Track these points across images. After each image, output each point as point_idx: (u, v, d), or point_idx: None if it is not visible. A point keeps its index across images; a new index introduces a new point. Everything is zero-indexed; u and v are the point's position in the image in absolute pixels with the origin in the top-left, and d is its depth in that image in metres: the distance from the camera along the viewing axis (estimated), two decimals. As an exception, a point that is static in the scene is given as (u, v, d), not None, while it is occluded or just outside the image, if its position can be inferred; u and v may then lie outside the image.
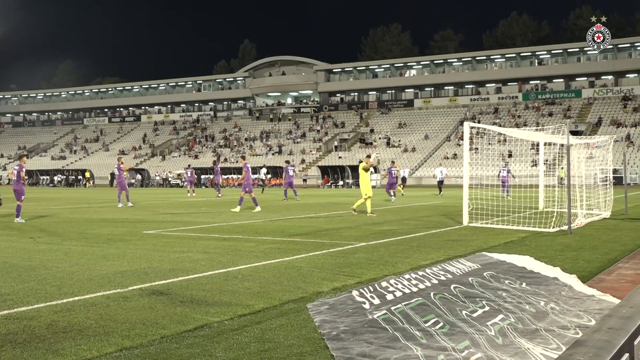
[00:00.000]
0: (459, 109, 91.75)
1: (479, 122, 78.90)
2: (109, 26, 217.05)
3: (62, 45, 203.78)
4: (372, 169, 38.91)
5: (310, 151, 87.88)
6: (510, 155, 60.46)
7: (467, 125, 17.06)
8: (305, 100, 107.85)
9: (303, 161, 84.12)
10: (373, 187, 63.13)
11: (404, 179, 45.49)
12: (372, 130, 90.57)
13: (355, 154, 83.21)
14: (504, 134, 22.08)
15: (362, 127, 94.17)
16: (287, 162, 35.64)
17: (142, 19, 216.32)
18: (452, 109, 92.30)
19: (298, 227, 16.57)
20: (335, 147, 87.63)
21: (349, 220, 19.05)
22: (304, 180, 70.78)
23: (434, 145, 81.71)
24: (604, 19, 21.43)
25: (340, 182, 66.05)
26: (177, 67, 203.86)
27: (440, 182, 45.49)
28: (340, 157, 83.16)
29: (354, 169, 67.21)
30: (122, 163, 28.78)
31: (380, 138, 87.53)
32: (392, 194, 31.33)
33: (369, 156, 20.13)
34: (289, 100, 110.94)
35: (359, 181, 64.11)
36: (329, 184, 66.90)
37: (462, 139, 63.77)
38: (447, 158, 75.24)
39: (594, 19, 20.95)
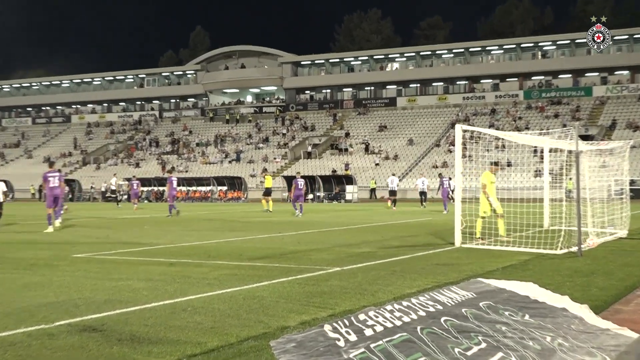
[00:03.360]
0: (449, 109, 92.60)
1: (473, 124, 79.59)
2: (30, 8, 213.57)
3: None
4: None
5: (274, 158, 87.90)
6: (509, 165, 61.06)
7: (459, 128, 17.16)
8: (268, 99, 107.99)
9: (265, 170, 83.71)
10: (348, 200, 63.90)
11: (392, 192, 45.73)
12: (347, 134, 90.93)
13: (327, 162, 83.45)
14: (503, 139, 22.29)
15: (336, 130, 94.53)
16: (298, 173, 38.47)
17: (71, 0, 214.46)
18: (442, 109, 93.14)
19: (259, 249, 16.51)
20: (305, 153, 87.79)
21: (319, 240, 19.02)
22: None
23: (421, 152, 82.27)
24: (604, 19, 21.90)
25: (310, 196, 66.11)
26: (115, 59, 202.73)
27: (423, 194, 45.58)
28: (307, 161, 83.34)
29: (327, 179, 67.40)
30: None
31: (357, 143, 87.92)
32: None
33: (496, 163, 19.58)
34: (249, 99, 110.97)
35: (336, 194, 65.46)
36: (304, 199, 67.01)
37: (454, 145, 64.09)
38: (436, 167, 75.77)
39: (595, 18, 21.47)
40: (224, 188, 71.06)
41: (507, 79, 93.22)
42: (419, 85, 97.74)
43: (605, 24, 21.58)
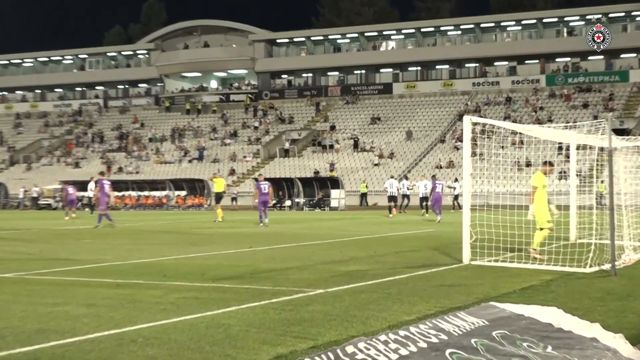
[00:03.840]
0: (456, 98, 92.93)
1: (485, 116, 79.80)
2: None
3: None
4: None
5: (244, 157, 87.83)
6: (528, 165, 61.29)
7: (468, 120, 17.18)
8: (237, 84, 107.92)
9: (233, 172, 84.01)
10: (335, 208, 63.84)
11: (392, 197, 45.98)
12: (332, 128, 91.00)
13: (309, 161, 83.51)
14: (521, 134, 22.33)
15: (319, 122, 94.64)
16: (260, 175, 39.99)
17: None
18: (447, 98, 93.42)
19: (226, 267, 16.50)
20: (282, 151, 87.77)
21: (298, 256, 19.01)
22: (234, 199, 70.57)
23: (422, 149, 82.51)
24: (604, 19, 22.49)
25: (288, 202, 66.07)
26: (50, 36, 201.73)
27: (424, 199, 45.66)
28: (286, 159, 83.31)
29: (308, 182, 67.39)
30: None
31: (344, 139, 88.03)
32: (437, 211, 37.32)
33: (550, 163, 19.38)
34: (214, 84, 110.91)
35: (319, 200, 65.37)
36: (272, 204, 66.78)
37: (461, 141, 64.06)
38: (440, 167, 75.97)
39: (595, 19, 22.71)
40: (183, 193, 70.86)
41: (526, 61, 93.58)
42: (419, 68, 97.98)
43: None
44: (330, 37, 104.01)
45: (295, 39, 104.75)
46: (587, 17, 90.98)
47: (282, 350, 8.13)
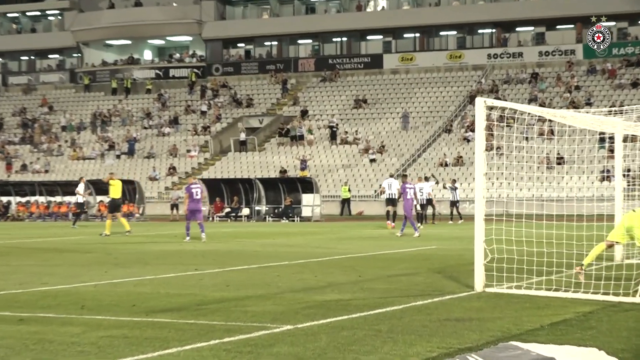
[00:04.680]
0: (467, 74, 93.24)
1: (504, 98, 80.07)
2: None
3: None
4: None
5: (189, 151, 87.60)
6: (560, 162, 61.51)
7: (481, 103, 17.22)
8: (178, 55, 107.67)
9: (173, 170, 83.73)
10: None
11: (391, 201, 46.27)
12: (304, 113, 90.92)
13: (273, 157, 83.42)
14: (550, 121, 22.36)
15: (286, 106, 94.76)
16: (193, 176, 41.64)
17: None
18: (455, 74, 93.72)
19: (164, 296, 16.52)
20: (237, 143, 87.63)
21: (259, 282, 18.99)
22: (174, 206, 70.10)
23: (421, 141, 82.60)
24: (604, 19, 23.29)
25: (246, 211, 65.90)
26: None
27: (425, 207, 45.84)
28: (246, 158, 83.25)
29: (272, 185, 67.22)
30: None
31: (320, 127, 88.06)
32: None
33: None
34: (148, 55, 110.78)
35: (287, 208, 65.12)
36: (224, 212, 66.68)
37: (473, 130, 64.29)
38: (445, 165, 76.09)
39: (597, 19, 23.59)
40: (107, 199, 70.47)
41: (558, 26, 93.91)
42: (418, 35, 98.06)
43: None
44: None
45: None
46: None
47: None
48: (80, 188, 54.86)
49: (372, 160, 79.77)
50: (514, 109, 18.29)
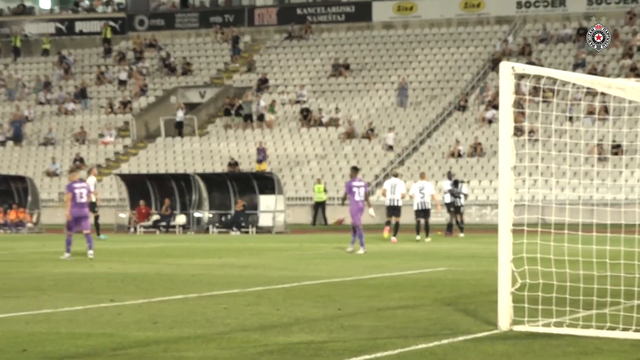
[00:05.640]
0: (487, 30, 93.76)
1: (538, 62, 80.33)
2: None
3: None
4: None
5: (101, 136, 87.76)
6: (617, 152, 61.74)
7: (508, 70, 17.19)
8: (88, 3, 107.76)
9: (80, 163, 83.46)
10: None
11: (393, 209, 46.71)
12: (263, 82, 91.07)
13: (219, 144, 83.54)
14: (603, 95, 22.37)
15: (238, 73, 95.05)
16: (73, 171, 41.59)
17: None
18: (472, 30, 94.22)
19: (67, 339, 16.36)
20: (170, 125, 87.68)
21: (199, 318, 18.95)
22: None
23: (424, 122, 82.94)
24: (603, 19, 23.61)
25: (181, 218, 65.88)
26: None
27: (422, 213, 46.46)
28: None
29: (218, 183, 67.20)
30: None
31: (284, 103, 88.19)
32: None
33: None
34: (45, 3, 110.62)
35: (238, 214, 64.92)
36: (151, 221, 66.60)
37: (496, 107, 64.28)
38: (458, 155, 76.38)
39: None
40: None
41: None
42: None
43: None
44: None
45: None
46: None
47: None
48: (92, 182, 54.98)
49: (375, 151, 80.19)
50: (553, 77, 18.28)
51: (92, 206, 56.97)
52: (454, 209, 56.82)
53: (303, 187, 74.50)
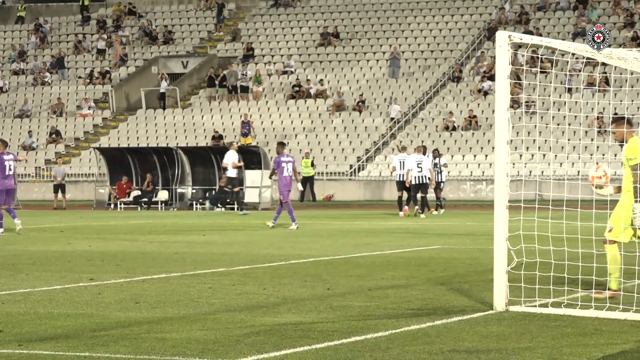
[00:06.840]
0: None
1: (537, 31, 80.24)
2: None
3: None
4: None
5: (79, 108, 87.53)
6: (624, 123, 61.80)
7: (505, 39, 17.23)
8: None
9: (56, 136, 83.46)
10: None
11: (402, 184, 46.98)
12: (248, 51, 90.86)
13: (203, 117, 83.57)
14: (604, 66, 22.40)
15: (222, 42, 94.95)
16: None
17: None
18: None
19: (45, 319, 16.39)
20: (152, 96, 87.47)
21: (182, 298, 18.98)
22: (59, 188, 69.76)
23: (417, 94, 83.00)
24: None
25: (164, 194, 65.76)
26: None
27: (419, 187, 46.67)
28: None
29: (202, 158, 67.08)
30: None
31: (270, 74, 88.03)
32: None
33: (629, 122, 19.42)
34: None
35: (222, 191, 64.79)
36: (131, 197, 66.41)
37: (492, 78, 64.44)
38: (453, 128, 76.33)
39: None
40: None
41: None
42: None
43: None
44: None
45: None
46: None
47: None
48: (233, 157, 54.67)
49: (377, 127, 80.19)
50: (552, 47, 18.32)
51: (231, 181, 57.15)
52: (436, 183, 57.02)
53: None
